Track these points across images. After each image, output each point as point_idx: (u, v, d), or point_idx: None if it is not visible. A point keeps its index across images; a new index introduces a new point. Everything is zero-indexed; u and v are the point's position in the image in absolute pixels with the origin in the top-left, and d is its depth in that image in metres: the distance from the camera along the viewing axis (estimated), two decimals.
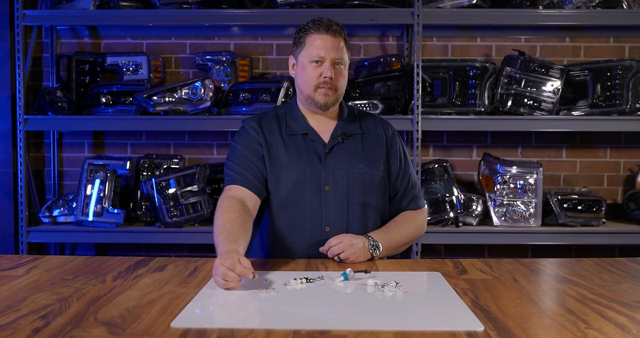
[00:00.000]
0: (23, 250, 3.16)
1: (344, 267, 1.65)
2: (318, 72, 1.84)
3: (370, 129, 1.97)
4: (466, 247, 3.41)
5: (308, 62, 1.85)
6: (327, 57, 1.83)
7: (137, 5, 3.29)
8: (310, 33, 1.86)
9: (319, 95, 1.85)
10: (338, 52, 1.84)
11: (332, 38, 1.84)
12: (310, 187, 1.86)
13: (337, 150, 1.89)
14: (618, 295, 1.40)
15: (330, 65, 1.83)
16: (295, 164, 1.87)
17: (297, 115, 1.94)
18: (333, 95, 1.86)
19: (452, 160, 3.41)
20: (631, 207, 3.26)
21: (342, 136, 1.91)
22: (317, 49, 1.83)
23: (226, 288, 1.42)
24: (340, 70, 1.86)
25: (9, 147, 3.30)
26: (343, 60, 1.86)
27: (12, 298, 1.36)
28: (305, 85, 1.87)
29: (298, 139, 1.90)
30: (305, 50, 1.86)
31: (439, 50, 3.44)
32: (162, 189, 3.09)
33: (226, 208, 1.73)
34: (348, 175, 1.87)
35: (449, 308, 1.30)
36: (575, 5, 3.16)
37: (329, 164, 1.87)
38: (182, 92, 3.17)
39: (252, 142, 1.90)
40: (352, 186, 1.87)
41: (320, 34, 1.84)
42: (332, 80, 1.83)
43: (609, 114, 3.15)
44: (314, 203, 1.85)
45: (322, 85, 1.84)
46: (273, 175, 1.87)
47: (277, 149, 1.89)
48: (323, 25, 1.85)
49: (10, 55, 3.28)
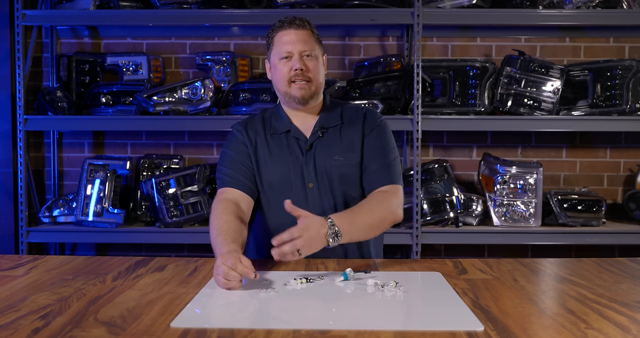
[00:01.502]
0: (23, 250, 3.16)
1: (344, 267, 1.65)
2: (288, 67, 1.84)
3: (351, 118, 1.94)
4: (466, 247, 3.41)
5: (278, 59, 1.86)
6: (295, 51, 1.83)
7: (137, 5, 3.29)
8: (276, 32, 1.88)
9: (294, 90, 1.85)
10: (305, 44, 1.84)
11: (296, 31, 1.85)
12: (294, 184, 1.86)
13: (318, 146, 1.89)
14: (618, 295, 1.40)
15: (299, 58, 1.83)
16: (279, 162, 1.87)
17: (281, 115, 1.94)
18: (309, 88, 1.85)
19: (452, 160, 3.40)
20: (631, 207, 3.26)
21: (321, 130, 1.89)
22: (283, 44, 1.84)
23: (227, 287, 1.42)
24: (312, 62, 1.85)
25: (9, 147, 3.30)
26: (313, 52, 1.85)
27: (12, 298, 1.36)
28: (280, 82, 1.87)
29: (281, 137, 1.91)
30: (274, 49, 1.87)
31: (439, 50, 3.44)
32: (162, 189, 3.09)
33: (221, 211, 1.74)
34: (327, 169, 1.86)
35: (449, 308, 1.30)
36: (575, 5, 3.16)
37: (310, 161, 1.87)
38: (182, 92, 3.17)
39: (240, 145, 1.91)
40: (333, 180, 1.86)
41: (284, 30, 1.86)
42: (303, 71, 1.83)
43: (609, 114, 3.15)
44: (300, 202, 1.83)
45: (294, 79, 1.84)
46: (259, 175, 1.88)
47: (262, 149, 1.90)
48: (286, 22, 1.87)
49: (10, 55, 3.28)
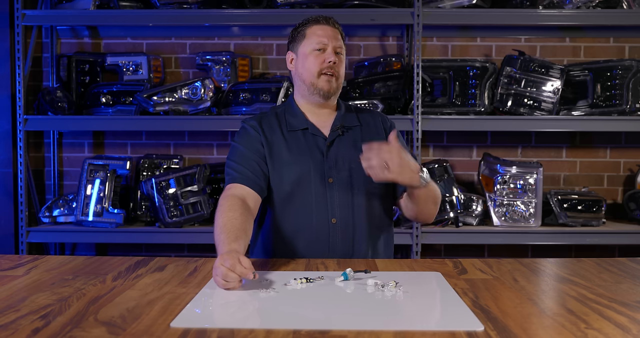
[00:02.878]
0: (23, 250, 3.16)
1: (344, 266, 1.65)
2: (321, 59, 1.89)
3: (368, 121, 2.00)
4: (466, 247, 3.41)
5: (311, 50, 1.90)
6: (330, 44, 1.90)
7: (137, 5, 3.29)
8: (310, 25, 1.93)
9: (322, 82, 1.88)
10: (338, 41, 1.92)
11: (332, 28, 1.93)
12: (314, 180, 1.86)
13: (338, 143, 1.91)
14: (618, 295, 1.40)
15: (333, 51, 1.89)
16: (298, 159, 1.87)
17: (295, 111, 1.95)
18: (335, 82, 1.90)
19: (452, 160, 3.41)
20: (631, 207, 3.26)
21: (342, 129, 1.93)
22: (319, 37, 1.90)
23: (226, 288, 1.42)
24: (341, 59, 1.93)
25: (9, 147, 3.30)
26: (343, 50, 1.94)
27: (12, 298, 1.36)
28: (309, 73, 1.90)
29: (298, 134, 1.91)
30: (306, 40, 1.92)
31: (439, 50, 3.44)
32: (162, 189, 3.09)
33: (227, 207, 1.72)
34: (350, 165, 1.88)
35: (449, 308, 1.30)
36: (575, 5, 3.16)
37: (331, 157, 1.89)
38: (182, 92, 3.17)
39: (253, 142, 1.90)
40: (355, 176, 1.88)
41: (321, 25, 1.92)
42: (335, 65, 1.88)
43: (609, 114, 3.15)
44: (319, 197, 1.85)
45: (325, 71, 1.88)
46: (276, 173, 1.87)
47: (279, 147, 1.89)
48: (322, 18, 1.94)
49: (10, 55, 3.28)
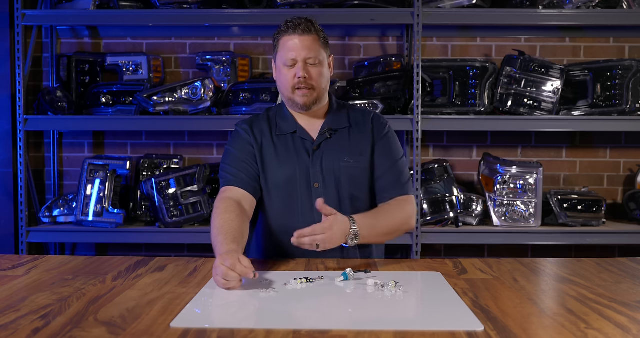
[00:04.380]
0: (23, 250, 3.16)
1: (344, 266, 1.65)
2: (292, 74, 1.83)
3: (358, 121, 1.95)
4: (466, 247, 3.41)
5: (282, 65, 1.85)
6: (298, 58, 1.81)
7: (137, 5, 3.29)
8: (282, 36, 1.85)
9: (298, 97, 1.84)
10: (310, 51, 1.82)
11: (301, 37, 1.82)
12: (300, 185, 1.86)
13: (325, 146, 1.89)
14: (618, 295, 1.40)
15: (303, 65, 1.81)
16: (285, 163, 1.87)
17: (286, 114, 1.94)
18: (312, 95, 1.84)
19: (452, 160, 3.40)
20: (631, 207, 3.26)
21: (330, 132, 1.90)
22: (287, 51, 1.82)
23: (226, 288, 1.42)
24: (316, 69, 1.83)
25: (9, 147, 3.30)
26: (317, 58, 1.83)
27: (12, 298, 1.36)
28: (284, 88, 1.86)
29: (287, 138, 1.91)
30: (279, 53, 1.86)
31: (439, 50, 3.44)
32: (162, 189, 3.09)
33: (223, 209, 1.73)
34: (335, 169, 1.86)
35: (449, 308, 1.30)
36: (575, 5, 3.16)
37: (316, 161, 1.87)
38: (182, 92, 3.17)
39: (244, 144, 1.91)
40: (340, 180, 1.87)
41: (289, 35, 1.83)
42: (306, 79, 1.82)
43: (609, 114, 3.14)
44: (305, 202, 1.85)
45: (297, 86, 1.83)
46: (264, 176, 1.88)
47: (268, 149, 1.89)
48: (292, 26, 1.83)
49: (10, 55, 3.28)
